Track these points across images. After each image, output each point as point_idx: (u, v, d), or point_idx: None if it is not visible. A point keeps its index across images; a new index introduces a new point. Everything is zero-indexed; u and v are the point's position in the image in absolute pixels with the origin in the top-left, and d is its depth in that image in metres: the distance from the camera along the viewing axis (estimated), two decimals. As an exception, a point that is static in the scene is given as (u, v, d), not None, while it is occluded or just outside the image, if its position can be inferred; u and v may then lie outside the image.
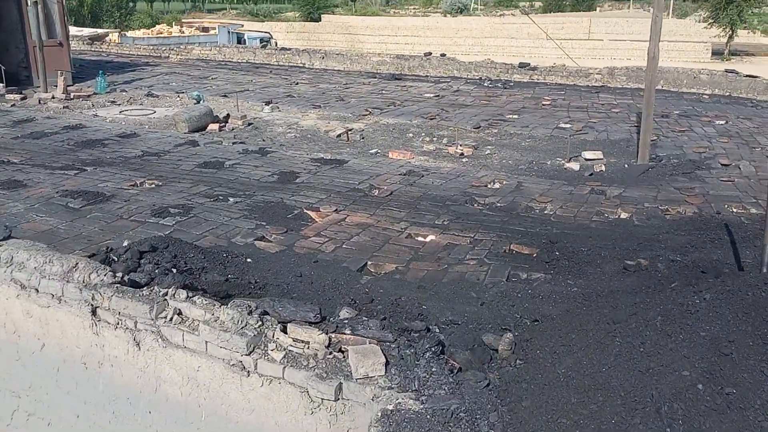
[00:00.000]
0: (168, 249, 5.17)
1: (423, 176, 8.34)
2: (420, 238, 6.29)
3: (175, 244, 5.28)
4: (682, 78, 14.68)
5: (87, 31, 33.32)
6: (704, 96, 14.31)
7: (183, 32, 36.87)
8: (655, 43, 8.94)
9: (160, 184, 7.79)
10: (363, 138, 11.05)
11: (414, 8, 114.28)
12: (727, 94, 14.30)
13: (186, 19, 71.25)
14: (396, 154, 9.72)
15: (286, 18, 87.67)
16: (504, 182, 8.10)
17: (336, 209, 7.02)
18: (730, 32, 48.01)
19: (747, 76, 14.19)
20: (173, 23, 42.24)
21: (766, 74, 15.41)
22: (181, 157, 9.13)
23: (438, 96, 14.74)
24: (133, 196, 7.27)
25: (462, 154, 10.02)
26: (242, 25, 40.60)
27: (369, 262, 5.72)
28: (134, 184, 7.74)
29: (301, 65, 19.16)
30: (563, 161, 9.47)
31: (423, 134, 11.27)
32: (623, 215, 6.81)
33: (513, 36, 58.21)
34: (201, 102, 13.40)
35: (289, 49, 19.74)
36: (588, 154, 9.44)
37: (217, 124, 11.34)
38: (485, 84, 16.38)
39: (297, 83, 16.38)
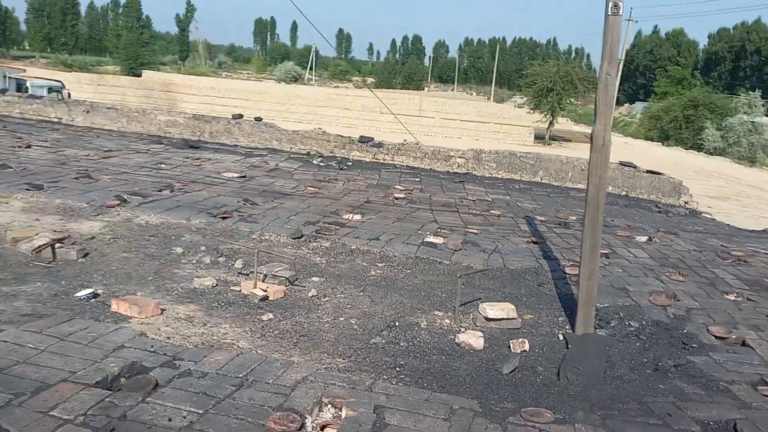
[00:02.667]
0: None
1: (156, 391, 3.52)
2: None
3: None
4: (567, 170, 11.48)
5: None
6: (595, 195, 11.15)
7: (-64, 70, 29.00)
8: (606, 121, 5.13)
9: None
10: (86, 256, 5.98)
11: (248, 73, 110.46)
12: (624, 193, 11.27)
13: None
14: (125, 306, 4.78)
15: (105, 71, 79.18)
16: (346, 411, 3.52)
17: None
18: (551, 118, 49.92)
19: (648, 171, 11.33)
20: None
21: (647, 165, 12.75)
22: None
23: (244, 177, 10.05)
24: None
25: (265, 296, 5.37)
26: (24, 70, 33.29)
27: None
28: None
29: (57, 120, 13.53)
30: (448, 321, 5.19)
31: (203, 249, 6.48)
32: None
33: (347, 107, 56.38)
34: None
35: (40, 98, 14.01)
36: (490, 310, 5.23)
37: None
38: (315, 162, 12.05)
39: (29, 146, 10.81)
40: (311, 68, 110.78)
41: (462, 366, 4.38)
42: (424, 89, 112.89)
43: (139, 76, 68.60)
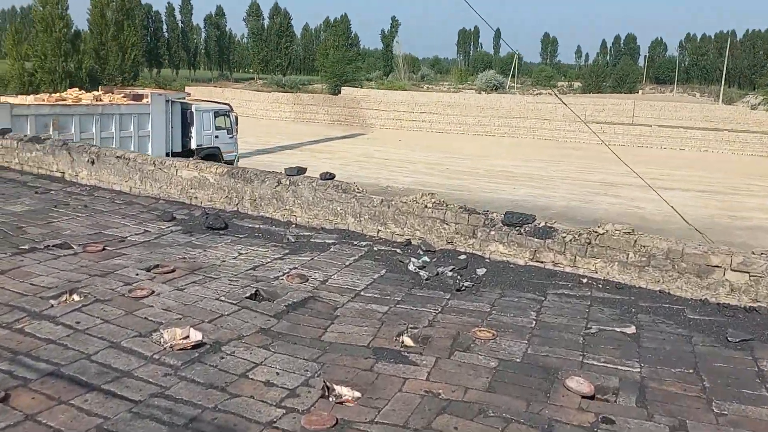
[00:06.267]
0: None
1: None
2: None
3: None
4: None
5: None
6: None
7: (101, 100, 27.86)
8: None
9: None
10: None
11: (448, 84, 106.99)
12: None
13: (183, 85, 64.44)
14: None
15: (313, 90, 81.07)
16: None
17: None
18: (805, 125, 38.25)
19: None
20: (100, 88, 33.49)
21: None
22: None
23: (202, 346, 4.37)
24: None
25: None
26: (189, 94, 31.49)
27: None
28: None
29: (59, 174, 9.15)
30: None
31: None
32: None
33: (546, 117, 49.78)
34: None
35: (42, 142, 9.66)
36: None
37: None
38: (412, 267, 6.00)
39: None
40: (513, 76, 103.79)
41: None
42: (638, 92, 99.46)
43: (339, 93, 68.11)
